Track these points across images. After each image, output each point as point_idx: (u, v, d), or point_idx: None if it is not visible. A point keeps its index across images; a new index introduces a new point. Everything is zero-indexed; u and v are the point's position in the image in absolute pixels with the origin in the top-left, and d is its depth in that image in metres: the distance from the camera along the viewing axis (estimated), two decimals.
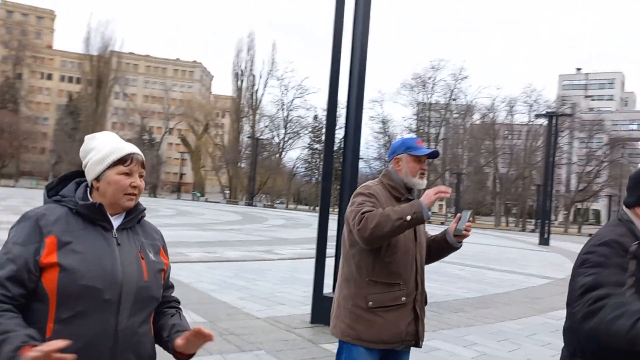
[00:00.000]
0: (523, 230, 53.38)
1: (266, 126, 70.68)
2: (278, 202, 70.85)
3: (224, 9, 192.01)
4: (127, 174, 1.71)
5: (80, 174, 1.79)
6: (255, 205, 56.65)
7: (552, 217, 45.33)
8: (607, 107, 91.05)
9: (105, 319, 1.60)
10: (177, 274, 9.06)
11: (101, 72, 74.96)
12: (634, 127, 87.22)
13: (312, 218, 32.66)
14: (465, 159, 66.14)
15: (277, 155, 70.32)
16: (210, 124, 77.82)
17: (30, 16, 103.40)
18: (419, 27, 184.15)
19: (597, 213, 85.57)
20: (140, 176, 1.75)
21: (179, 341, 1.72)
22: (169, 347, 1.78)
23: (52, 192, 1.74)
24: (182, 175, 76.16)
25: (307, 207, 64.65)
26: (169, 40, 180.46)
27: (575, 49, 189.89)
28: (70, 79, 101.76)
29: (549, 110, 42.85)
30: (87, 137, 1.84)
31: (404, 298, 2.54)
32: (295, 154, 74.59)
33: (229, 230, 20.18)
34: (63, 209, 1.67)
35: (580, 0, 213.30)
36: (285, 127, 68.94)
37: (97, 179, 1.71)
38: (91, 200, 1.70)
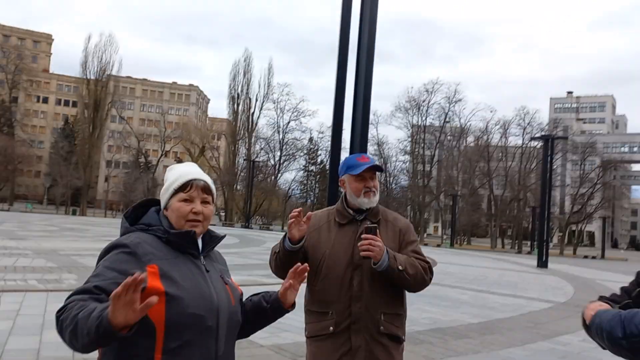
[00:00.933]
0: (519, 252, 53.33)
1: (262, 148, 71.03)
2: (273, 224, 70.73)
3: (221, 30, 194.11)
4: (188, 200, 1.70)
5: (153, 202, 1.82)
6: (252, 227, 56.44)
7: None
8: (599, 129, 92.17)
9: (209, 346, 1.62)
10: None
11: (98, 96, 75.10)
12: (625, 149, 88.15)
13: None
14: (460, 181, 66.51)
15: (273, 177, 70.39)
16: (207, 146, 77.94)
17: (27, 40, 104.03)
18: (413, 45, 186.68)
19: (591, 234, 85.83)
20: (204, 202, 1.74)
21: (284, 288, 1.80)
22: (276, 308, 1.83)
23: (131, 220, 1.74)
24: None
25: None
26: (165, 63, 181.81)
27: (566, 73, 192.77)
28: (66, 103, 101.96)
29: (543, 134, 43.26)
30: (167, 168, 1.87)
31: (331, 328, 2.38)
32: (290, 176, 74.64)
33: (226, 253, 19.93)
34: (152, 237, 1.67)
35: (570, 24, 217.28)
36: (280, 149, 69.25)
37: (166, 207, 1.73)
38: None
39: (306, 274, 1.82)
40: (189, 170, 1.78)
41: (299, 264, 1.82)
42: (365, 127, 6.69)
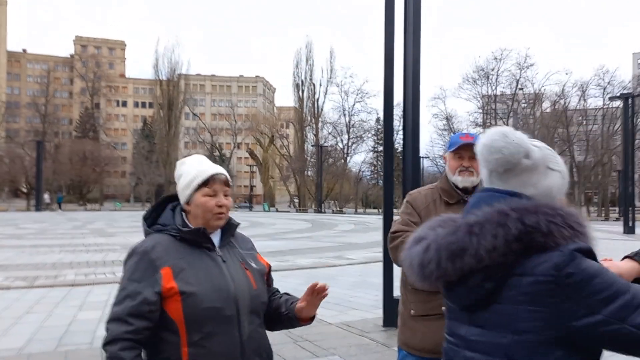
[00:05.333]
0: (606, 219, 50.39)
1: (329, 133, 71.19)
2: (346, 207, 71.04)
3: (281, 21, 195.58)
4: (212, 195, 1.80)
5: (171, 198, 1.91)
6: (324, 212, 57.03)
7: (637, 203, 42.56)
8: None
9: (231, 334, 1.71)
10: None
11: (171, 95, 78.34)
12: None
13: (381, 221, 32.42)
14: None
15: (342, 160, 70.53)
16: (276, 135, 79.29)
17: (102, 48, 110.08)
18: (478, 17, 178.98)
19: None
20: (225, 195, 1.84)
21: (299, 305, 1.88)
22: (291, 318, 1.91)
23: (150, 221, 1.86)
24: (252, 187, 78.06)
25: (375, 210, 64.39)
26: (230, 54, 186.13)
27: None
28: (143, 105, 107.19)
29: (623, 92, 40.35)
30: (177, 163, 1.96)
31: (443, 308, 2.42)
32: (360, 158, 74.55)
33: (299, 238, 20.49)
34: (167, 237, 1.78)
35: None
36: (348, 132, 69.12)
37: (188, 202, 1.82)
38: (188, 224, 1.81)
39: (327, 292, 1.85)
40: (208, 165, 1.87)
41: (317, 282, 1.86)
42: (416, 104, 6.61)
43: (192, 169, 1.85)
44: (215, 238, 1.83)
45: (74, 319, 6.72)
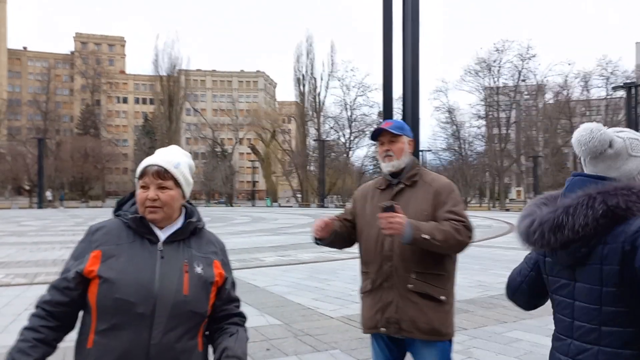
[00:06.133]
0: None
1: (331, 127, 71.00)
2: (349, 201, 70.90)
3: (281, 16, 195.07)
4: (144, 187, 1.72)
5: None
6: (327, 207, 57.03)
7: None
8: None
9: (139, 333, 1.59)
10: (253, 278, 9.32)
11: (171, 91, 78.20)
12: None
13: None
14: (540, 141, 63.26)
15: (345, 155, 70.44)
16: (277, 130, 79.18)
17: (102, 45, 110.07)
18: (478, 9, 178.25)
19: None
20: (161, 187, 1.71)
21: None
22: None
23: (126, 206, 1.82)
24: (254, 183, 78.07)
25: None
26: (231, 50, 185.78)
27: None
28: (144, 101, 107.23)
29: (627, 82, 40.12)
30: None
31: (369, 286, 2.57)
32: (362, 152, 74.50)
33: (301, 233, 20.45)
34: (118, 222, 1.74)
35: None
36: (350, 126, 68.95)
37: None
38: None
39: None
40: (150, 157, 1.78)
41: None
42: (415, 97, 6.53)
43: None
44: (164, 233, 1.73)
45: None
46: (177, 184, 1.74)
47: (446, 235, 2.36)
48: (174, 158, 1.76)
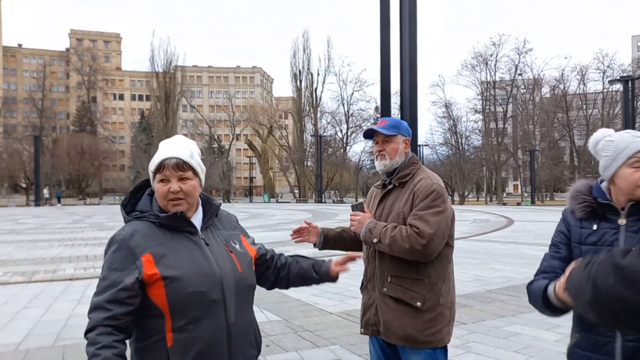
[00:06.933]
0: None
1: (328, 122, 70.98)
2: (347, 196, 71.03)
3: (281, 16, 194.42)
4: (164, 181, 1.73)
5: (147, 184, 1.85)
6: (325, 202, 57.02)
7: None
8: None
9: (217, 318, 1.68)
10: None
11: (168, 88, 77.95)
12: None
13: None
14: (537, 135, 63.28)
15: (342, 150, 70.42)
16: (274, 126, 79.07)
17: (98, 41, 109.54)
18: (477, 9, 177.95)
19: None
20: (182, 179, 1.73)
21: (334, 269, 2.11)
22: (324, 280, 2.13)
23: (129, 208, 1.81)
24: (252, 179, 78.00)
25: None
26: (228, 48, 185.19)
27: None
28: (140, 97, 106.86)
29: (623, 75, 40.15)
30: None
31: (361, 284, 2.64)
32: (359, 148, 74.51)
33: None
34: (146, 224, 1.73)
35: None
36: (347, 121, 68.93)
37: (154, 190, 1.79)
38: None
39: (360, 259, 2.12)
40: (164, 150, 1.77)
41: (356, 253, 2.19)
42: (413, 91, 6.51)
43: (155, 155, 1.79)
44: (197, 220, 1.78)
45: (73, 313, 6.66)
46: (195, 173, 1.78)
47: (393, 240, 2.30)
48: (187, 148, 1.78)
